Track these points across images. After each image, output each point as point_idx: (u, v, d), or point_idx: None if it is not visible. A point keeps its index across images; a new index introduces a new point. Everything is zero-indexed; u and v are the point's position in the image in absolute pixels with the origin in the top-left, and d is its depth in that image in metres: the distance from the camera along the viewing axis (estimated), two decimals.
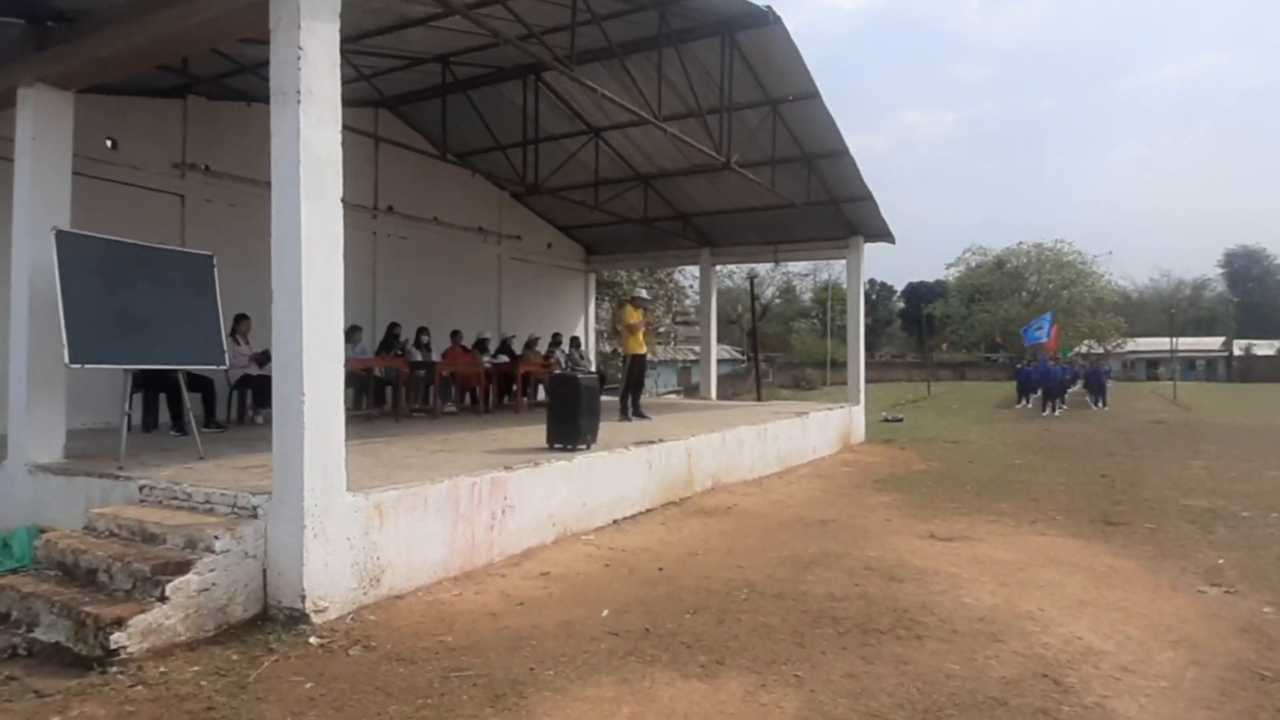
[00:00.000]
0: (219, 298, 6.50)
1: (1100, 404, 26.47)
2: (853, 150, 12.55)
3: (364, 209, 12.57)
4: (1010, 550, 6.65)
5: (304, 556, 4.35)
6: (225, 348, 6.48)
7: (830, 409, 13.79)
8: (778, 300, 66.36)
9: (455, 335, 12.18)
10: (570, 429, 6.90)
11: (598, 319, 20.34)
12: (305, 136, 4.47)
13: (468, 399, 12.16)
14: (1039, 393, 27.02)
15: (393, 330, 11.12)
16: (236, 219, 10.27)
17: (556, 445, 6.99)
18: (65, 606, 4.00)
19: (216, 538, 4.27)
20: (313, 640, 4.22)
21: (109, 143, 9.27)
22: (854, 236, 15.15)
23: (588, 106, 12.67)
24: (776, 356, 56.13)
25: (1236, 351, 63.73)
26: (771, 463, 10.83)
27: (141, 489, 5.14)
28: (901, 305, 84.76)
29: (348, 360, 10.24)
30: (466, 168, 13.65)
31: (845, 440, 14.21)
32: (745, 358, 52.99)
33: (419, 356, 11.35)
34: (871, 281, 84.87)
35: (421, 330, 11.63)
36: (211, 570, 4.21)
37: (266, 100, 4.63)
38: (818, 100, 11.51)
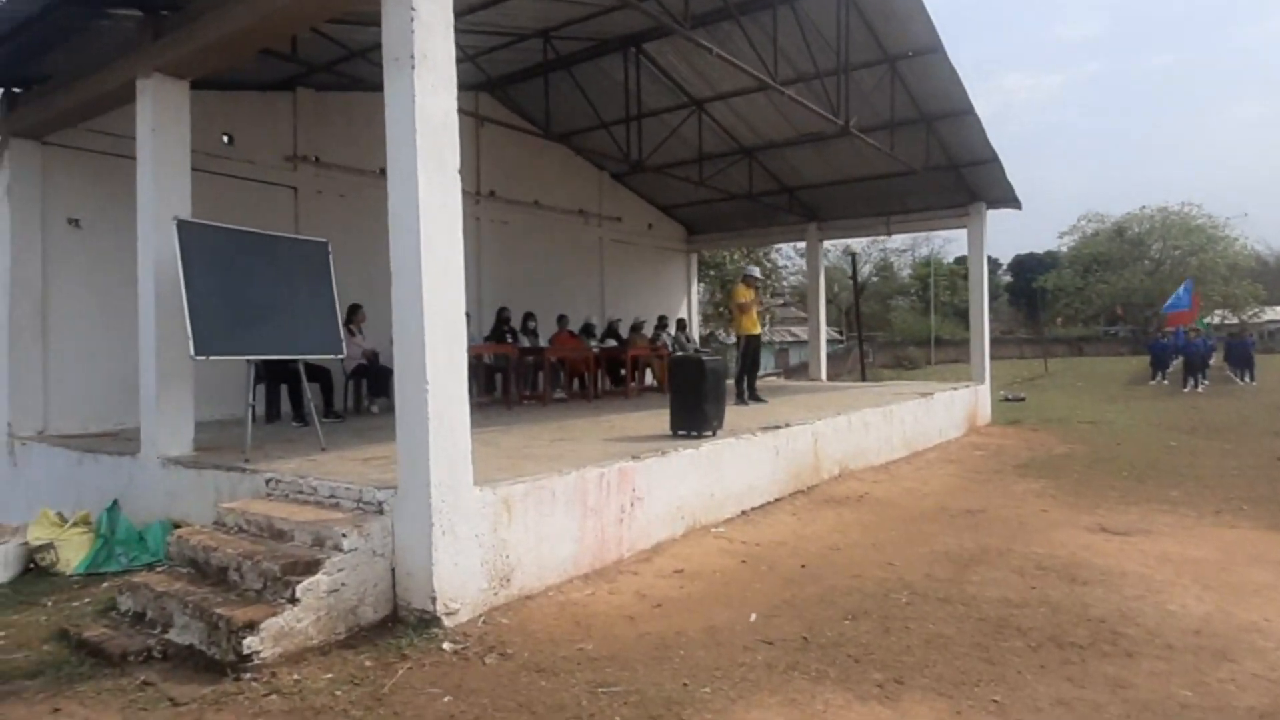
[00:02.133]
0: (335, 286, 6.36)
1: (1246, 378, 24.11)
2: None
3: (467, 194, 12.32)
4: (1202, 546, 5.83)
5: (433, 555, 4.08)
6: (342, 337, 6.34)
7: (955, 388, 12.88)
8: (875, 278, 64.02)
9: (562, 320, 11.93)
10: (696, 415, 6.46)
11: (700, 300, 19.82)
12: (421, 103, 4.17)
13: (576, 384, 11.91)
14: (1172, 367, 24.91)
15: (502, 316, 10.95)
16: (347, 209, 10.28)
17: (680, 432, 6.58)
18: (198, 607, 3.85)
19: (344, 536, 4.04)
20: (446, 646, 3.94)
21: (225, 138, 9.37)
22: (975, 203, 14.07)
23: (689, 77, 12.13)
24: (876, 335, 54.23)
25: None
26: (898, 447, 10.13)
27: (268, 482, 5.01)
28: (1009, 279, 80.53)
29: None
30: (570, 148, 13.36)
31: (971, 422, 13.27)
32: (843, 337, 51.40)
33: (527, 342, 11.16)
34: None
35: (528, 316, 11.43)
36: (340, 570, 3.99)
37: (375, 87, 4.37)
38: (940, 55, 10.62)
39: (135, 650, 3.79)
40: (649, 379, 13.32)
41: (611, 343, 12.37)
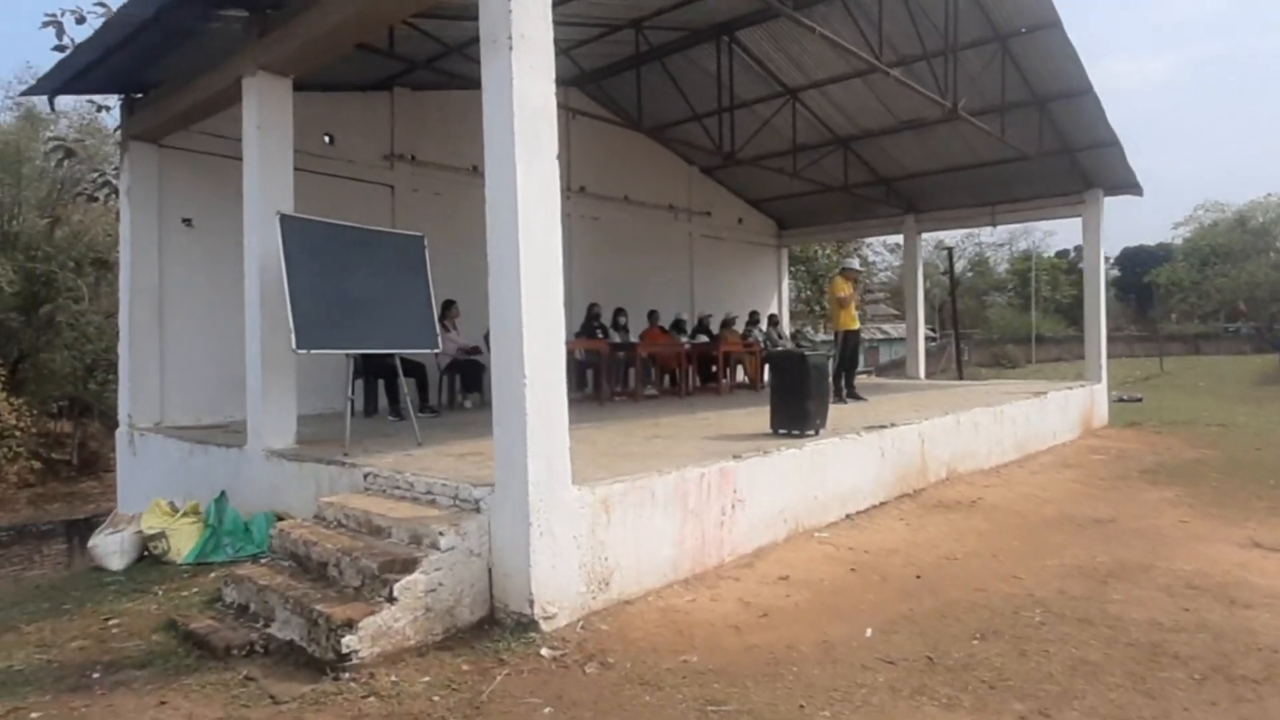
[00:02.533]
0: (430, 280, 6.33)
1: None
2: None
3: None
4: None
5: (530, 557, 3.93)
6: (438, 332, 6.30)
7: (1070, 388, 12.06)
8: (969, 273, 61.41)
9: (652, 316, 11.75)
10: (798, 413, 6.14)
11: (790, 296, 19.34)
12: (519, 87, 4.02)
13: (666, 381, 11.70)
14: None
15: (592, 311, 10.85)
16: (441, 207, 10.37)
17: (780, 431, 6.27)
18: (298, 603, 3.81)
19: (441, 534, 3.94)
20: (544, 652, 3.78)
21: (326, 138, 9.57)
22: (1091, 190, 13.15)
23: (783, 65, 11.74)
24: (973, 333, 52.01)
25: None
26: (1009, 449, 9.50)
27: (366, 477, 4.99)
28: (1116, 273, 75.98)
29: None
30: (659, 141, 13.17)
31: (1086, 423, 12.40)
32: (936, 335, 49.62)
33: (617, 338, 11.02)
34: (1078, 248, 76.53)
35: (619, 311, 11.29)
36: (438, 569, 3.88)
37: (469, 85, 4.25)
38: (1057, 29, 9.91)
39: (238, 644, 3.78)
40: (739, 376, 12.99)
41: (703, 339, 12.10)
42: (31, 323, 16.30)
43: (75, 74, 7.09)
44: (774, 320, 14.62)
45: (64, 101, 14.67)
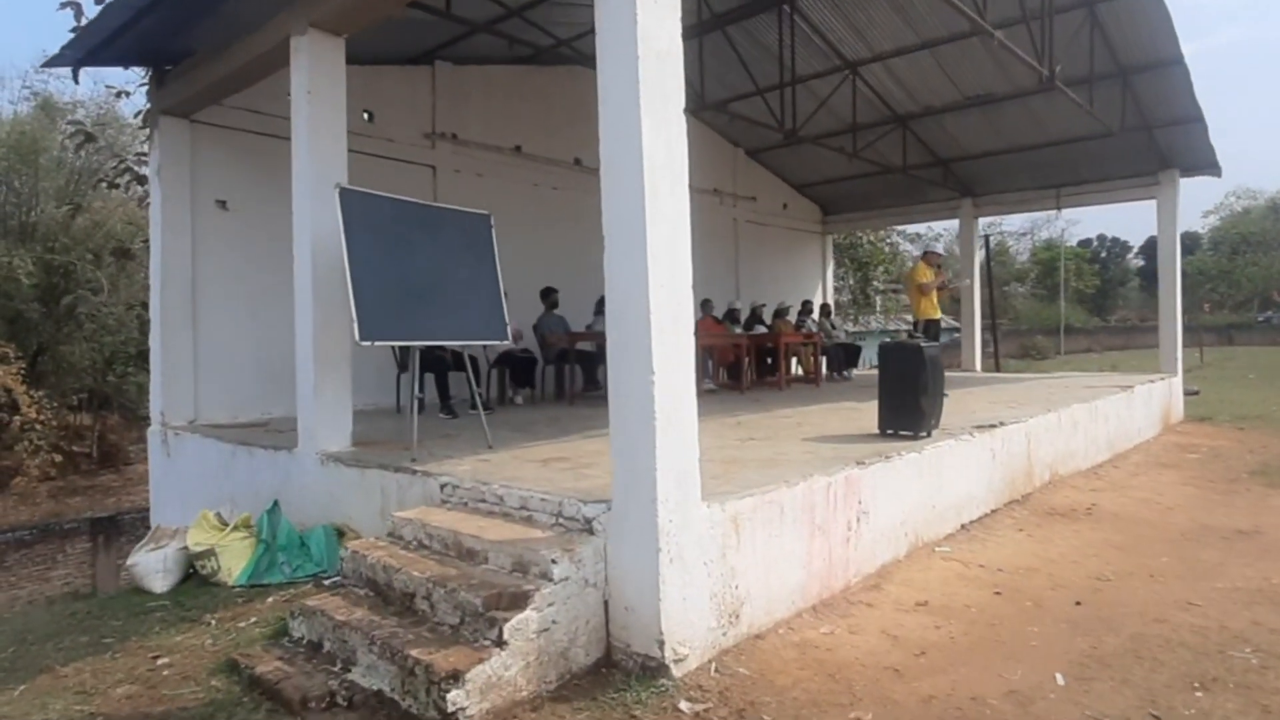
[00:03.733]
0: (498, 263, 5.69)
1: None
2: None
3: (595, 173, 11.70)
4: None
5: (660, 588, 3.28)
6: (507, 321, 5.66)
7: (1152, 380, 11.31)
8: (991, 263, 60.25)
9: (706, 305, 11.07)
10: (912, 411, 5.47)
11: (835, 285, 18.62)
12: (643, 25, 3.35)
13: (723, 375, 11.02)
14: None
15: None
16: (484, 188, 9.74)
17: (890, 431, 5.60)
18: (386, 645, 3.18)
19: (554, 562, 3.29)
20: (683, 706, 3.14)
21: (365, 115, 8.92)
22: (1167, 170, 12.36)
23: (844, 36, 11.00)
24: (1001, 323, 50.99)
25: None
26: (1102, 448, 8.79)
27: (443, 488, 4.35)
28: (1140, 263, 74.60)
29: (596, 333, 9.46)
30: (705, 123, 12.49)
31: (1166, 419, 11.66)
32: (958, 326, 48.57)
33: None
34: (1101, 237, 75.29)
35: None
36: (550, 605, 3.24)
37: (527, 56, 3.64)
38: None
39: (316, 695, 3.15)
40: (796, 369, 12.30)
41: (761, 329, 11.42)
42: (51, 315, 15.81)
43: (102, 41, 6.45)
44: (826, 310, 13.93)
45: (80, 90, 14.08)
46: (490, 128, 10.28)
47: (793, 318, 12.69)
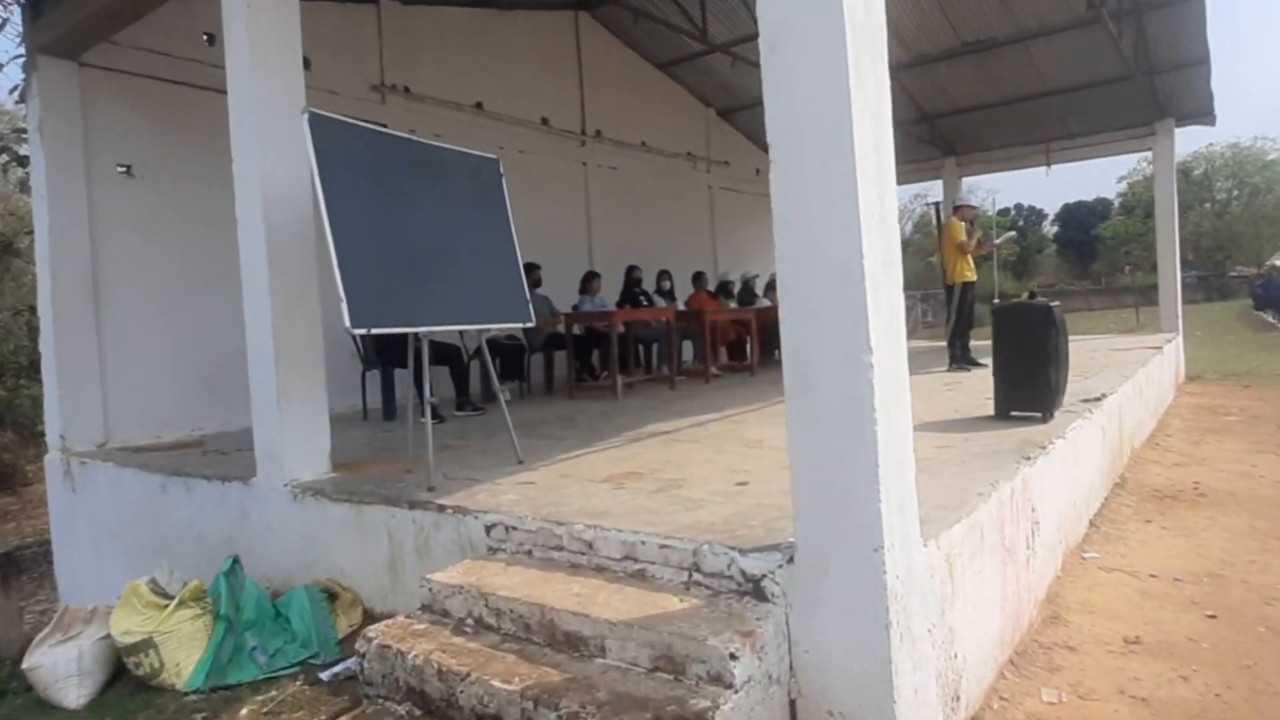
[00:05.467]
0: (513, 224, 4.38)
1: None
2: None
3: (572, 135, 10.40)
4: None
5: (893, 680, 2.11)
6: (528, 298, 4.36)
7: (1169, 340, 10.73)
8: (917, 235, 61.10)
9: (699, 278, 9.88)
10: (1039, 388, 4.43)
11: None
12: None
13: (723, 355, 9.88)
14: None
15: (633, 276, 8.93)
16: None
17: (1014, 413, 4.55)
18: None
19: (734, 656, 2.08)
20: None
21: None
22: (1163, 120, 11.77)
23: None
24: (935, 292, 51.66)
25: None
26: (1150, 416, 8.04)
27: (491, 530, 3.06)
28: (1056, 229, 77.03)
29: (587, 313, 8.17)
30: (675, 79, 11.28)
31: (1176, 380, 11.13)
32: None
33: (664, 305, 9.15)
34: (1019, 206, 77.30)
35: (663, 274, 9.40)
36: None
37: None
38: None
39: None
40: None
41: (765, 303, 10.32)
42: None
43: None
44: None
45: None
46: (447, 81, 8.83)
47: None
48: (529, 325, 4.31)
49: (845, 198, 2.11)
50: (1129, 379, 6.58)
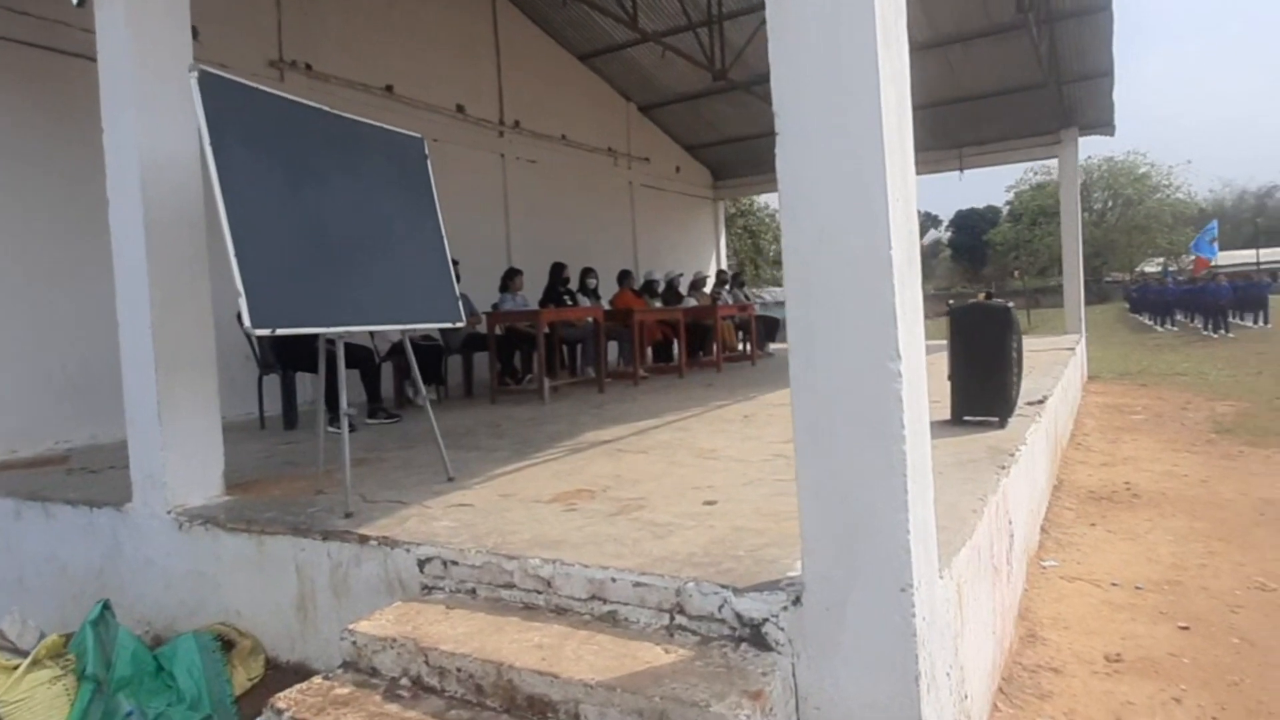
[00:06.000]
0: (439, 210, 3.91)
1: (1261, 322, 23.44)
2: None
3: (489, 125, 9.87)
4: None
5: None
6: (458, 294, 3.89)
7: (1078, 340, 11.10)
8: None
9: (625, 277, 9.52)
10: (997, 392, 4.28)
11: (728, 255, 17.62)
12: None
13: (649, 356, 9.55)
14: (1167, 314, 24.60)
15: (561, 274, 8.49)
16: None
17: (968, 418, 4.38)
18: None
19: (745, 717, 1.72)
20: None
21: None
22: (1068, 129, 12.20)
23: None
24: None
25: None
26: (1069, 414, 8.21)
27: (425, 565, 2.60)
28: (949, 235, 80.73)
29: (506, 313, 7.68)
30: (596, 71, 10.92)
31: (1082, 379, 11.54)
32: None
33: (589, 304, 8.75)
34: (923, 212, 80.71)
35: (588, 272, 8.98)
36: None
37: None
38: None
39: None
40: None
41: (692, 302, 10.05)
42: None
43: None
44: (740, 280, 12.79)
45: None
46: (354, 60, 8.18)
47: (707, 289, 11.44)
48: (459, 325, 3.82)
49: (871, 177, 1.79)
50: (1059, 380, 6.61)
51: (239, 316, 2.85)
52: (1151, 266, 56.29)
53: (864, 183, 1.80)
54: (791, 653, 1.96)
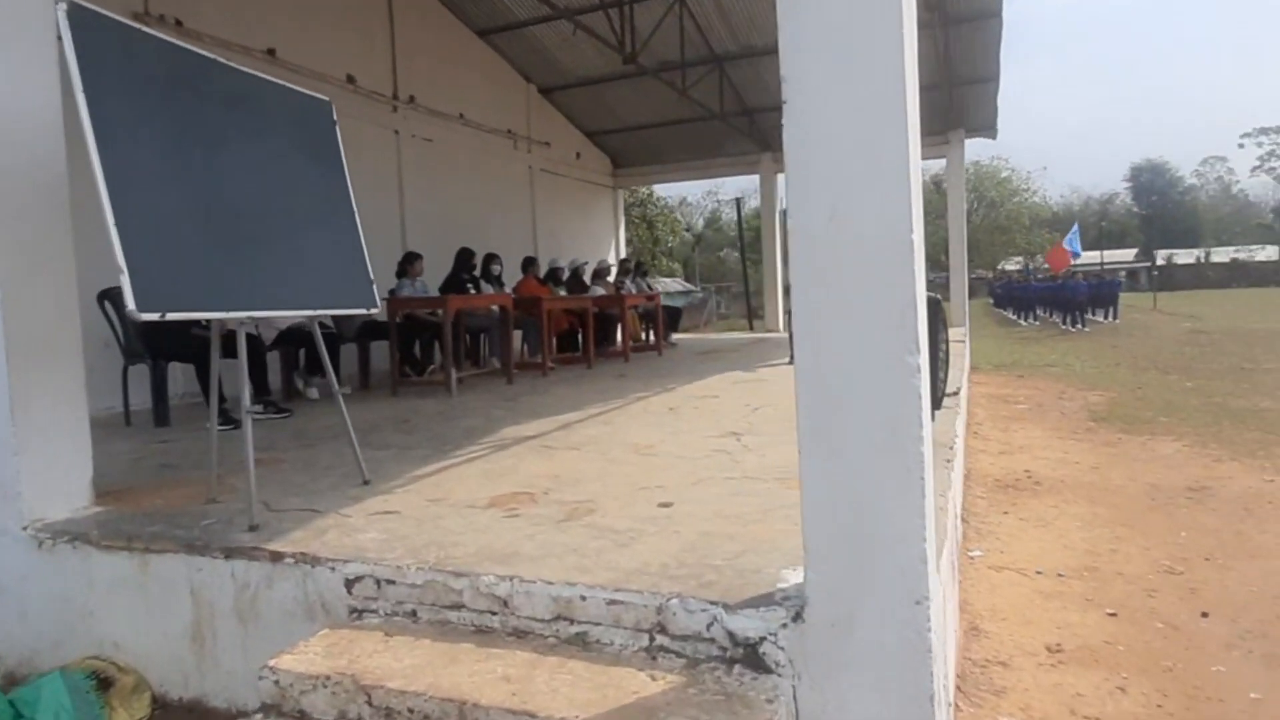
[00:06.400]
0: (350, 182, 3.51)
1: (1111, 317, 25.49)
2: None
3: (382, 99, 9.27)
4: None
5: None
6: (372, 278, 3.51)
7: (964, 333, 11.59)
8: (707, 230, 63.67)
9: (529, 264, 9.15)
10: (931, 382, 4.27)
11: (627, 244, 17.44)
12: None
13: (554, 346, 9.22)
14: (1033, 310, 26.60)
15: (468, 260, 8.04)
16: None
17: None
18: None
19: None
20: None
21: None
22: (955, 131, 12.74)
23: None
24: (730, 286, 54.14)
25: (1159, 262, 65.56)
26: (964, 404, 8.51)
27: (355, 584, 2.27)
28: None
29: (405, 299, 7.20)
30: (496, 49, 10.48)
31: (965, 370, 12.08)
32: (697, 288, 50.88)
33: (492, 291, 8.36)
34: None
35: (491, 258, 8.56)
36: None
37: None
38: None
39: None
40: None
41: (599, 291, 9.80)
42: None
43: None
44: (643, 270, 12.62)
45: None
46: (232, 19, 7.46)
47: (611, 278, 11.23)
48: (374, 311, 3.45)
49: (892, 150, 1.62)
50: (963, 372, 6.81)
51: (100, 298, 2.42)
52: (1011, 265, 60.37)
53: (887, 156, 1.63)
54: (792, 674, 1.78)
